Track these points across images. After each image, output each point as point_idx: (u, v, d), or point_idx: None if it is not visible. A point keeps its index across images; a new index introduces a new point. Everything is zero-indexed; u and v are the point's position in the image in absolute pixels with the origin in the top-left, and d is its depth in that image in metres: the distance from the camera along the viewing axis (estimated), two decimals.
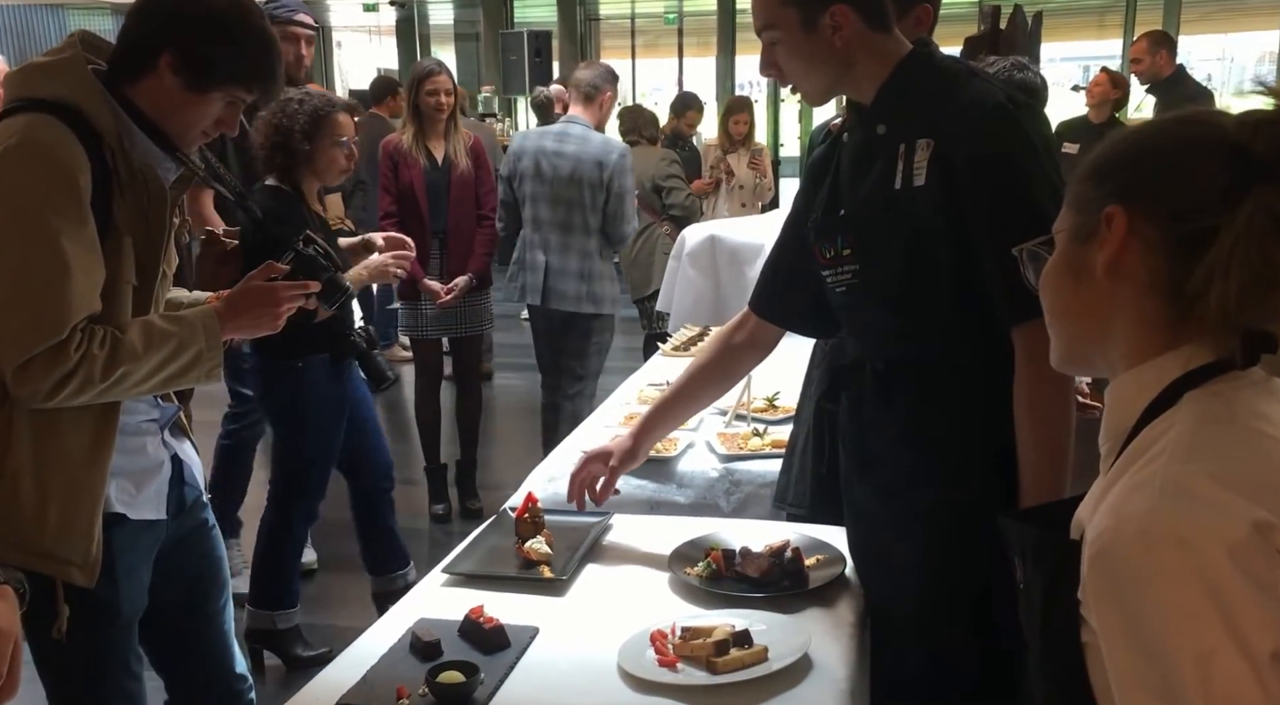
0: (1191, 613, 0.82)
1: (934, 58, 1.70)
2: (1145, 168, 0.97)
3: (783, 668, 1.49)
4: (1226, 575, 0.82)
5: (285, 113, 2.95)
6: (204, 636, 1.98)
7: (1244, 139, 0.92)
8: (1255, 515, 0.83)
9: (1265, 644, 0.80)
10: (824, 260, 1.74)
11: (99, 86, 1.62)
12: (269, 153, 2.99)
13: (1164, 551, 0.84)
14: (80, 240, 1.54)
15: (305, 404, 3.05)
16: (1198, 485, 0.86)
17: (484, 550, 1.97)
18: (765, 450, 2.50)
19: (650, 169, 5.18)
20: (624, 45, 13.91)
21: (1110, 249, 0.96)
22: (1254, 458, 0.89)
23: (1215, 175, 0.92)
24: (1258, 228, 0.89)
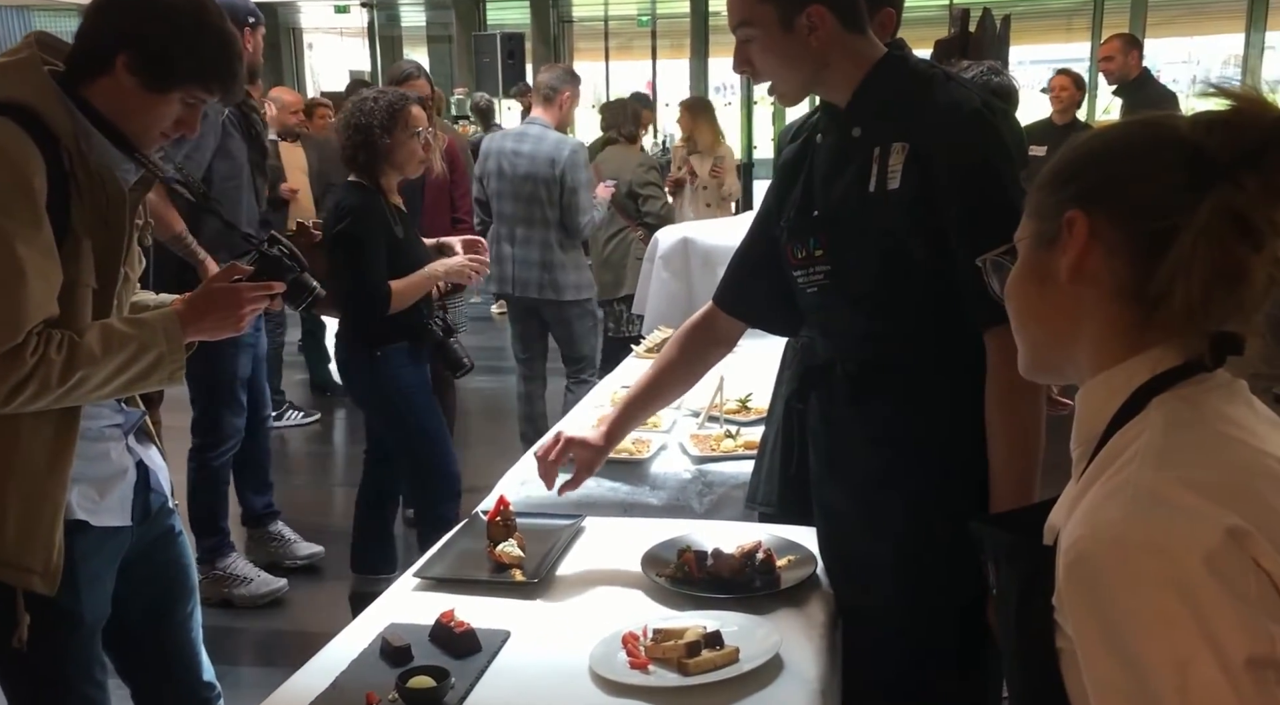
0: (1168, 620, 0.82)
1: (908, 61, 1.71)
2: (1104, 171, 0.97)
3: (754, 668, 1.49)
4: (1202, 583, 0.82)
5: (362, 111, 3.07)
6: (171, 644, 1.95)
7: (1198, 139, 0.92)
8: (1229, 522, 0.84)
9: (1241, 651, 0.80)
10: (795, 261, 1.74)
11: (55, 88, 1.60)
12: (351, 151, 3.10)
13: (1139, 560, 0.84)
14: (35, 244, 1.52)
15: (388, 392, 3.17)
16: (1171, 492, 0.86)
17: (455, 554, 1.96)
18: (738, 451, 2.50)
19: (628, 173, 5.18)
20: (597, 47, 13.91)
21: (1073, 253, 0.97)
22: (1224, 462, 0.90)
23: (1173, 176, 0.92)
24: (1217, 225, 0.90)
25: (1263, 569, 0.83)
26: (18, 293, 1.50)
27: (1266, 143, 0.90)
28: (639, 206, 5.17)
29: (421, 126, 3.11)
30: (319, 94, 12.38)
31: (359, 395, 3.31)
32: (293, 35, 14.69)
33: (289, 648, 3.18)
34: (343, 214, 3.08)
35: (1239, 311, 0.93)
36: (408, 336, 3.12)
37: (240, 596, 3.53)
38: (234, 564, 3.59)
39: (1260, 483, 0.88)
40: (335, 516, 4.58)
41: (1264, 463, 0.90)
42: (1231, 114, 0.92)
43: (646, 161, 5.25)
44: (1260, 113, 0.92)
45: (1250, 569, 0.83)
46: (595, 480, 2.42)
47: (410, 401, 3.18)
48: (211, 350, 3.23)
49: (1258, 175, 0.90)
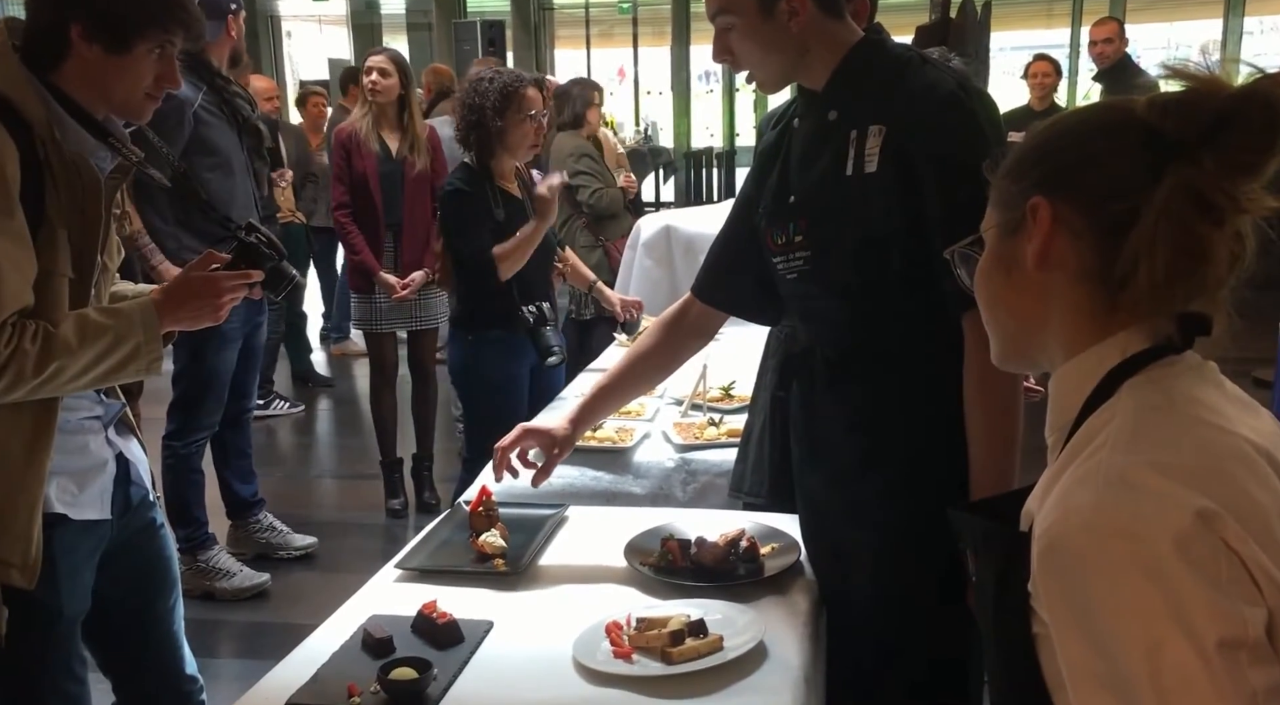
0: (1139, 604, 0.83)
1: (885, 45, 1.70)
2: (1064, 157, 0.98)
3: (738, 657, 1.49)
4: (1172, 566, 0.82)
5: (477, 92, 3.11)
6: (153, 637, 1.94)
7: (1154, 120, 0.93)
8: (1198, 504, 0.84)
9: (1212, 633, 0.81)
10: (775, 247, 1.73)
11: (27, 75, 1.58)
12: (464, 132, 3.15)
13: (1110, 544, 0.85)
14: (9, 233, 1.50)
15: (474, 376, 3.25)
16: (1140, 476, 0.87)
17: (437, 544, 1.96)
18: (721, 440, 2.50)
19: (559, 164, 5.19)
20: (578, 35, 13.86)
21: (1038, 240, 0.98)
22: (1193, 445, 0.90)
23: (1132, 157, 0.93)
24: (1177, 204, 0.91)
25: (1233, 550, 0.83)
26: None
27: (1220, 119, 0.90)
28: (574, 196, 5.18)
29: (535, 109, 3.13)
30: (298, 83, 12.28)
31: (453, 376, 3.37)
32: (271, 23, 14.55)
33: (271, 640, 3.16)
34: (446, 196, 3.21)
35: (1204, 290, 0.94)
36: (500, 324, 3.18)
37: (222, 590, 3.52)
38: (216, 557, 3.57)
39: (1229, 465, 0.89)
40: (319, 507, 4.57)
41: (1233, 444, 0.91)
42: (1186, 93, 0.93)
43: (578, 150, 5.22)
44: (1214, 91, 0.92)
45: (1221, 551, 0.83)
46: (578, 469, 2.42)
47: (487, 389, 3.23)
48: (198, 343, 3.24)
49: (1214, 152, 0.91)
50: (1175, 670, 0.81)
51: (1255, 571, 0.83)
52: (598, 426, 2.57)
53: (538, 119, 3.16)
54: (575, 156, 5.19)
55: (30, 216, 1.53)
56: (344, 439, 5.57)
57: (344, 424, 5.78)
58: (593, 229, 5.24)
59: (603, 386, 1.99)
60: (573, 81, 5.74)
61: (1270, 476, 0.90)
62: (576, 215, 5.25)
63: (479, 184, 3.15)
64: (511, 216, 3.19)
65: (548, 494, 2.32)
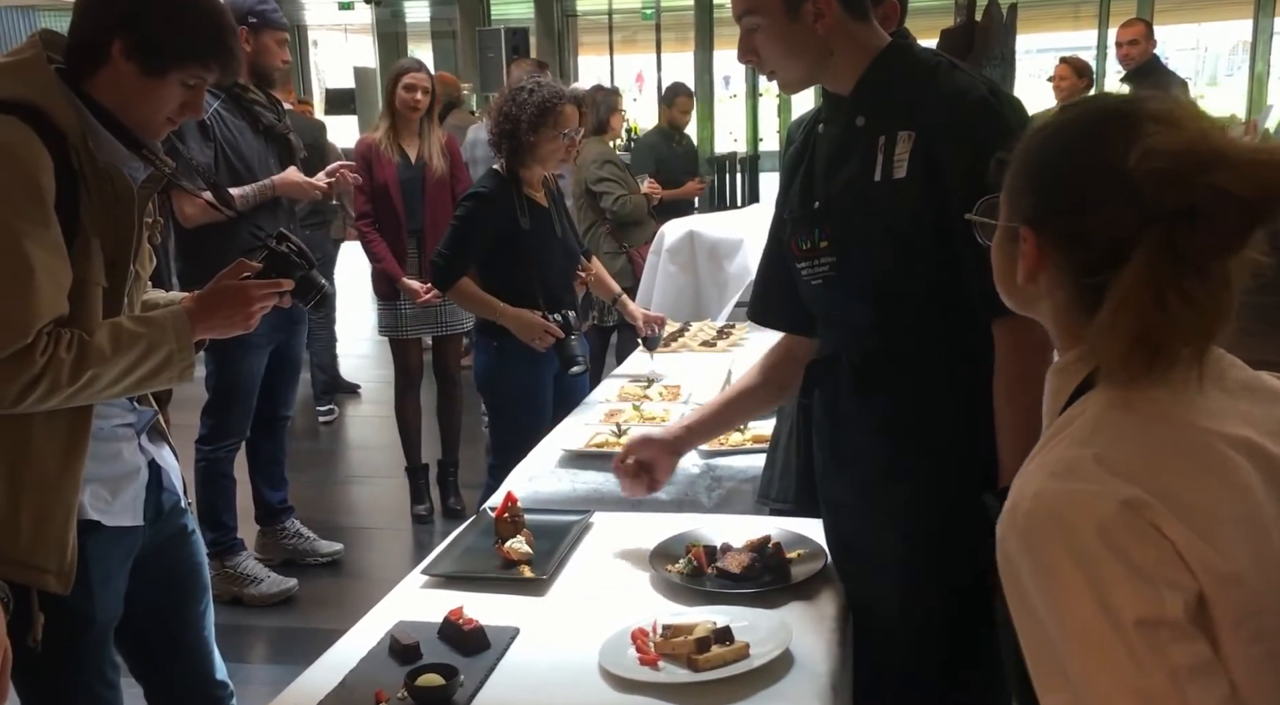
0: (1066, 585, 0.90)
1: (913, 49, 1.69)
2: (1053, 198, 1.02)
3: (765, 664, 1.48)
4: (1095, 551, 0.89)
5: (515, 102, 3.11)
6: (183, 643, 1.96)
7: (1139, 176, 0.93)
8: (1126, 494, 0.90)
9: (1130, 612, 0.87)
10: (799, 253, 1.73)
11: (62, 86, 1.60)
12: (496, 138, 3.17)
13: (1044, 529, 0.92)
14: (44, 242, 1.52)
15: (499, 382, 3.27)
16: (1081, 468, 0.93)
17: (463, 550, 1.96)
18: (746, 445, 2.50)
19: (583, 171, 5.20)
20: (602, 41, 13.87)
21: (1025, 265, 1.04)
22: (1145, 440, 0.95)
23: (1117, 210, 0.95)
24: (1157, 261, 0.93)
25: (1166, 537, 0.89)
26: (27, 292, 1.50)
27: (1197, 205, 0.92)
28: (598, 203, 5.19)
29: (570, 127, 3.14)
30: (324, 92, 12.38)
31: (479, 382, 3.38)
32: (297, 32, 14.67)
33: (299, 645, 3.19)
34: (466, 197, 3.24)
35: (1184, 328, 0.96)
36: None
37: (250, 596, 3.55)
38: (244, 563, 3.60)
39: (1175, 458, 0.94)
40: (345, 513, 4.60)
41: (1189, 438, 0.95)
42: (1172, 163, 0.92)
43: (600, 156, 5.24)
44: (1197, 168, 0.92)
45: (1150, 537, 0.89)
46: (603, 475, 2.42)
47: (510, 394, 3.24)
48: (224, 350, 3.27)
49: (1188, 230, 0.92)
50: (1097, 647, 0.87)
51: (1188, 556, 0.88)
52: (624, 431, 2.58)
53: (571, 136, 3.15)
54: (599, 163, 5.21)
55: (65, 226, 1.55)
56: (369, 445, 5.60)
57: (369, 430, 5.81)
58: (616, 235, 5.25)
59: (713, 412, 2.00)
60: (596, 87, 5.76)
61: (1238, 468, 0.94)
62: (600, 222, 5.26)
63: (506, 192, 3.15)
64: (538, 225, 3.18)
65: (573, 500, 2.32)
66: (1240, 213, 0.92)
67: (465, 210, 3.18)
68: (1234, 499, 0.93)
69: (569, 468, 2.47)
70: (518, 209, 3.13)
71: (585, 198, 5.26)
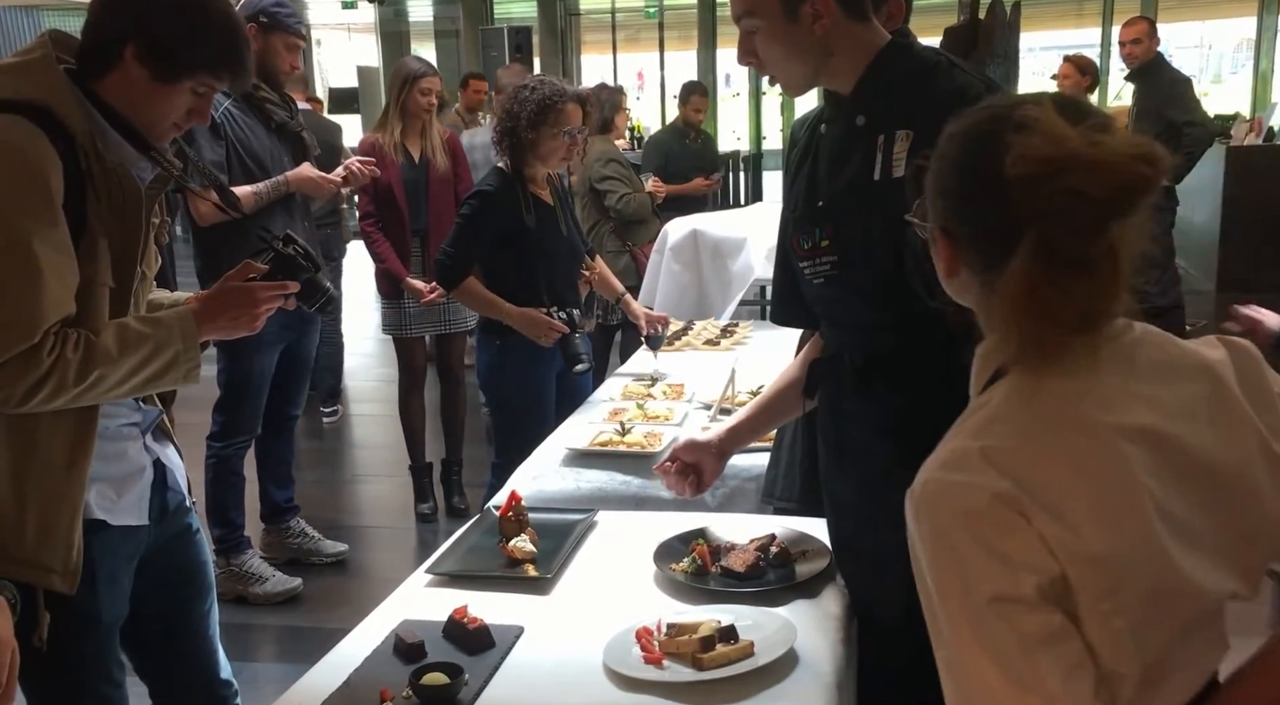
0: (939, 562, 1.04)
1: (913, 48, 1.69)
2: (952, 203, 1.13)
3: (769, 662, 1.49)
4: (960, 535, 1.02)
5: (517, 100, 3.13)
6: (188, 642, 1.96)
7: (1012, 181, 1.02)
8: (1000, 488, 1.01)
9: (987, 591, 1.00)
10: (801, 252, 1.73)
11: (70, 86, 1.60)
12: (498, 136, 3.19)
13: (926, 512, 1.05)
14: (52, 242, 1.52)
15: (502, 382, 3.26)
16: (967, 460, 1.04)
17: (467, 549, 1.96)
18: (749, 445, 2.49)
19: (587, 169, 5.21)
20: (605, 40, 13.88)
21: (943, 264, 1.17)
22: (1030, 435, 1.05)
23: (999, 215, 1.05)
24: (1035, 260, 1.02)
25: (1033, 527, 1.00)
26: (34, 292, 1.51)
27: (1060, 206, 1.00)
28: (602, 201, 5.20)
29: (572, 125, 3.13)
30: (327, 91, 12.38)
31: (481, 382, 3.38)
32: None
33: (304, 644, 3.19)
34: (472, 195, 3.24)
35: (1079, 313, 1.04)
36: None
37: (255, 595, 3.55)
38: (250, 562, 3.61)
39: (1060, 453, 1.03)
40: (349, 512, 4.61)
41: (1081, 431, 1.04)
42: (1035, 169, 1.01)
43: (605, 155, 5.24)
44: (1056, 173, 1.00)
45: (1016, 527, 1.00)
46: (607, 474, 2.43)
47: (513, 393, 3.23)
48: (236, 347, 3.27)
49: (1056, 229, 1.01)
50: (960, 616, 1.02)
51: (1052, 543, 1.00)
52: (628, 430, 2.58)
53: (574, 135, 3.14)
54: (603, 161, 5.21)
55: (72, 226, 1.55)
56: (373, 444, 5.60)
57: (373, 429, 5.81)
58: (620, 234, 5.25)
59: (753, 413, 1.99)
60: (600, 86, 5.76)
61: (1123, 459, 1.03)
62: (604, 220, 5.27)
63: (510, 190, 3.15)
64: (543, 223, 3.18)
65: (577, 499, 2.33)
66: (1096, 211, 1.00)
67: (470, 208, 3.18)
68: (1109, 488, 1.02)
69: (573, 466, 2.48)
70: (523, 207, 3.13)
71: (589, 196, 5.27)
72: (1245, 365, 1.15)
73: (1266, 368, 1.16)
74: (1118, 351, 1.09)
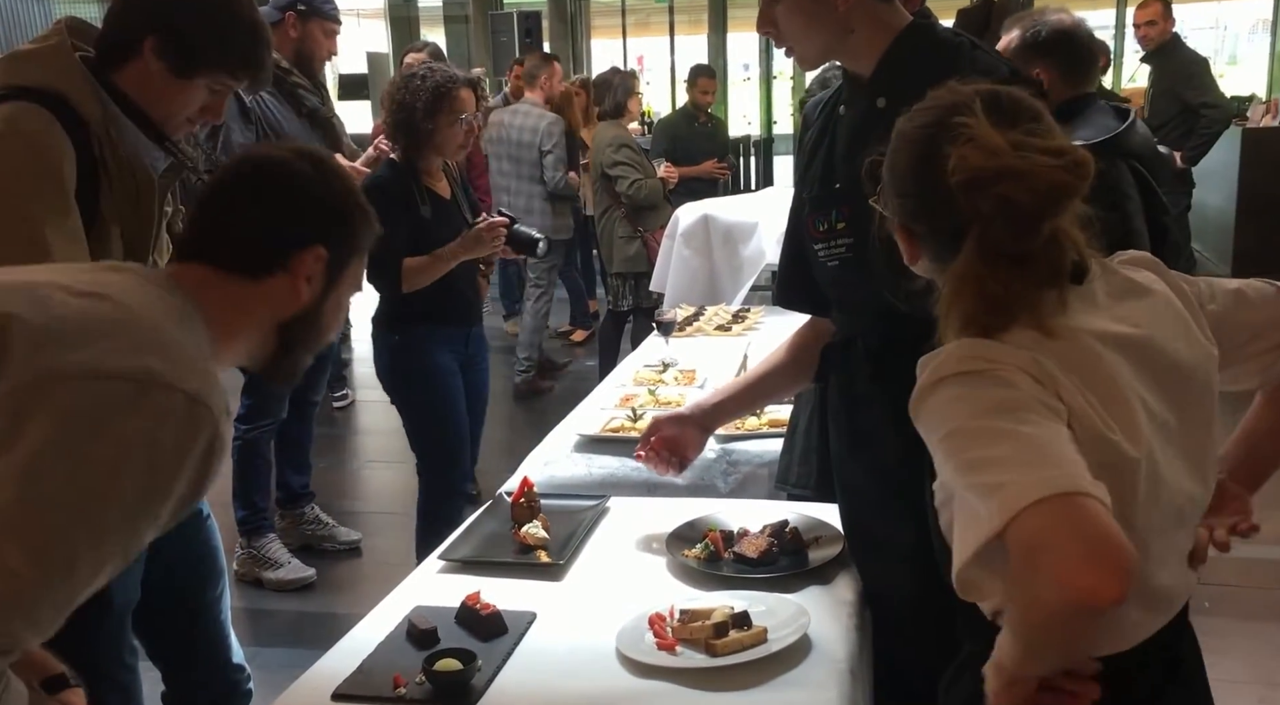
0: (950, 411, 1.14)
1: (935, 29, 1.67)
2: (906, 202, 1.22)
3: (783, 649, 1.48)
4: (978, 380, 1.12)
5: (408, 89, 2.95)
6: (200, 626, 1.97)
7: (954, 186, 1.11)
8: (1021, 359, 1.09)
9: (993, 403, 1.08)
10: (817, 234, 1.72)
11: (86, 74, 1.60)
12: (391, 130, 3.01)
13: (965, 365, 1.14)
14: (63, 230, 1.52)
15: (404, 378, 3.12)
16: (978, 348, 1.13)
17: (480, 536, 1.96)
18: (763, 430, 2.48)
19: (599, 154, 5.19)
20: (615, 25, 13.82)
21: (907, 254, 1.26)
22: (1020, 347, 1.11)
23: (943, 216, 1.15)
24: (978, 254, 1.11)
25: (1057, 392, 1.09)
26: None
27: (994, 210, 1.09)
28: (614, 187, 5.18)
29: (467, 111, 3.02)
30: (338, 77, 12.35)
31: (384, 381, 3.24)
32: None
33: (317, 630, 3.20)
34: (366, 190, 3.01)
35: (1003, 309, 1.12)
36: (430, 321, 3.06)
37: (269, 580, 3.57)
38: (269, 546, 3.63)
39: (1052, 356, 1.11)
40: (361, 498, 4.61)
41: (1062, 337, 1.12)
42: (972, 175, 1.10)
43: (616, 140, 5.22)
44: (989, 181, 1.09)
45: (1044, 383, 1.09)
46: (619, 460, 2.42)
47: (423, 387, 3.10)
48: None
49: (992, 230, 1.10)
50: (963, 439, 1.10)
51: (1069, 403, 1.08)
52: (639, 416, 2.57)
53: (469, 121, 3.02)
54: (615, 147, 5.19)
55: (85, 214, 1.55)
56: (384, 429, 5.61)
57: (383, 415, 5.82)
58: (631, 219, 5.23)
59: (740, 391, 2.00)
60: (612, 70, 5.75)
61: (1109, 364, 1.12)
62: (615, 206, 5.25)
63: (404, 182, 3.00)
64: (439, 216, 3.04)
65: (589, 485, 2.32)
66: (1027, 215, 1.09)
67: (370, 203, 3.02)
68: (1104, 389, 1.10)
69: (585, 452, 2.47)
70: (418, 199, 2.99)
71: (600, 181, 5.25)
72: (1161, 274, 1.25)
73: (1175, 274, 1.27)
74: (1078, 298, 1.17)
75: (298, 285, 1.26)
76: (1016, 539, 0.98)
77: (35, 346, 1.03)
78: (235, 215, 1.26)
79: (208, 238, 1.25)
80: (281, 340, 1.29)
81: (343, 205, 1.32)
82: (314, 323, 1.31)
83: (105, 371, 1.03)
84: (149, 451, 1.04)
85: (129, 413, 1.03)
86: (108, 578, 1.10)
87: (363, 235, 1.35)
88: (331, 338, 1.39)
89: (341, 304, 1.36)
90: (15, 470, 0.99)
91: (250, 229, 1.25)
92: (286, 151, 1.31)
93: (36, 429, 1.00)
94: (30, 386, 1.02)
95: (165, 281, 1.21)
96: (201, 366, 1.12)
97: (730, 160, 6.81)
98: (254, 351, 1.29)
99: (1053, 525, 0.96)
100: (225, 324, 1.23)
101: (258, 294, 1.25)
